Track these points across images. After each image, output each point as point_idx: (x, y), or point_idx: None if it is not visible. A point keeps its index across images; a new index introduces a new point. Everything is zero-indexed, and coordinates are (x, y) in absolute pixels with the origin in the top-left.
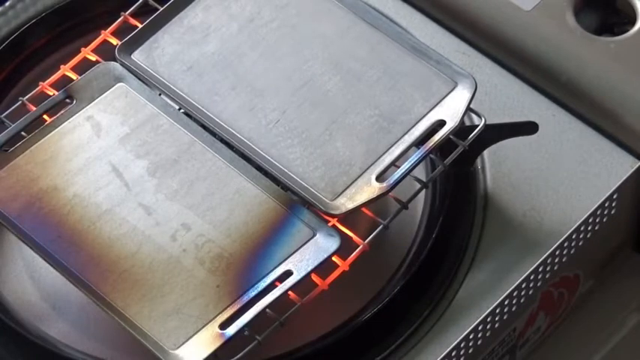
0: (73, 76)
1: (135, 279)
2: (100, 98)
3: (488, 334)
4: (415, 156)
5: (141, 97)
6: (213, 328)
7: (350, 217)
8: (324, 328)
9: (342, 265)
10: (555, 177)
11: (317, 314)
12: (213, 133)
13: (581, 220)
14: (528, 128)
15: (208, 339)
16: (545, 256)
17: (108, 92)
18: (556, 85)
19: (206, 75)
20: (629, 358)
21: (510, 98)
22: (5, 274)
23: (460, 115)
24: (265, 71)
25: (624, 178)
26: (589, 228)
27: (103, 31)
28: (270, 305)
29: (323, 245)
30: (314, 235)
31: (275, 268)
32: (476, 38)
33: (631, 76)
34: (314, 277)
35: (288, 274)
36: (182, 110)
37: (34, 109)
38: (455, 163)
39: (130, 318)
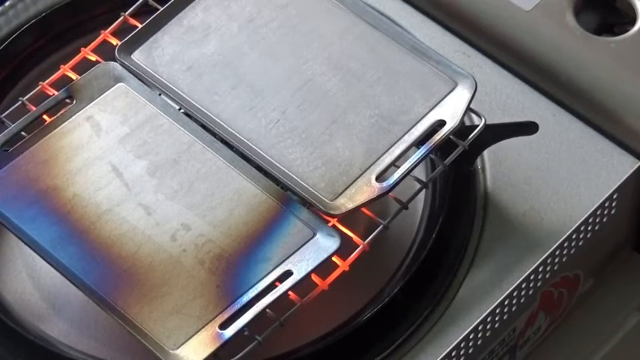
0: (73, 76)
1: (135, 279)
2: (100, 98)
3: (488, 334)
4: (415, 156)
5: (141, 97)
6: (213, 328)
7: (350, 217)
8: (324, 328)
9: (342, 265)
10: (555, 177)
11: (317, 314)
12: (213, 133)
13: (581, 220)
14: (528, 128)
15: (208, 339)
16: (545, 256)
17: (108, 92)
18: (556, 85)
19: (206, 75)
20: (629, 358)
21: (510, 98)
22: (5, 274)
23: (460, 115)
24: (265, 71)
25: (624, 178)
26: (589, 228)
27: (103, 31)
28: (270, 305)
29: (323, 245)
30: (314, 235)
31: (275, 268)
32: (476, 38)
33: (631, 76)
34: (314, 277)
35: (288, 274)
36: (182, 110)
37: (34, 109)
38: (455, 163)
39: (130, 318)
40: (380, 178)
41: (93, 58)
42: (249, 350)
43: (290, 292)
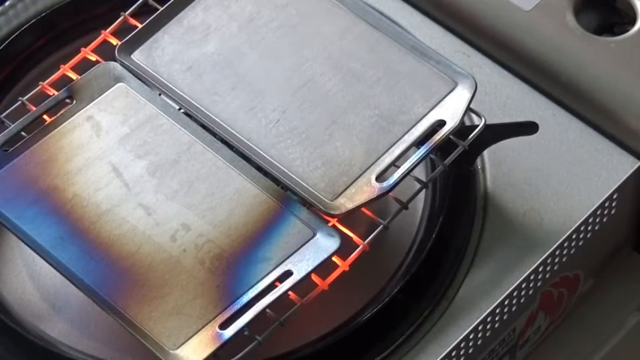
0: (73, 76)
1: (135, 279)
2: (100, 98)
3: (488, 334)
4: (415, 156)
5: (141, 97)
6: (213, 328)
7: (350, 217)
8: (324, 328)
9: (342, 265)
10: (555, 177)
11: (317, 314)
12: (213, 133)
13: (581, 220)
14: (528, 128)
15: (208, 339)
16: (545, 256)
17: (108, 92)
18: (556, 85)
19: (206, 75)
20: (629, 358)
21: (510, 98)
22: (5, 274)
23: (460, 115)
24: (265, 71)
25: (624, 178)
26: (589, 228)
27: (103, 31)
28: (270, 305)
29: (323, 245)
30: (314, 235)
31: (275, 268)
32: (476, 38)
33: (631, 76)
34: (314, 277)
35: (288, 274)
36: (182, 110)
37: (34, 109)
38: (455, 163)
39: (130, 318)
40: (380, 178)
41: (93, 58)
42: (249, 350)
43: (290, 292)
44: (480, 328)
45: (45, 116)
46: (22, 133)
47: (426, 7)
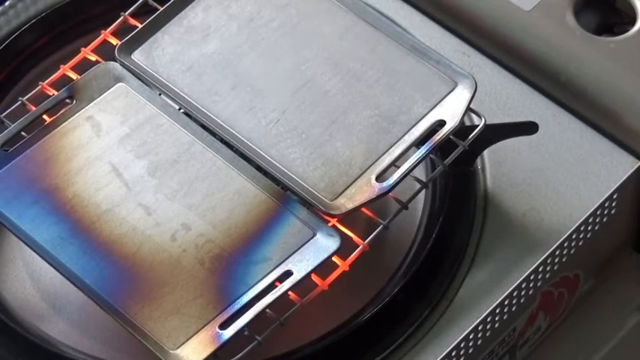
0: (73, 76)
1: (135, 279)
2: (99, 98)
3: (488, 334)
4: (415, 156)
5: (141, 97)
6: (213, 328)
7: (350, 217)
8: (324, 328)
9: (342, 265)
10: (555, 177)
11: (317, 314)
12: (213, 133)
13: (581, 220)
14: (528, 128)
15: (208, 339)
16: (545, 256)
17: (108, 92)
18: (556, 85)
19: (206, 75)
20: (629, 357)
21: (510, 98)
22: (5, 274)
23: (460, 115)
24: (265, 71)
25: (624, 178)
26: (589, 228)
27: (103, 31)
28: (270, 305)
29: (323, 245)
30: (314, 235)
31: (275, 268)
32: (476, 38)
33: (631, 76)
34: (314, 277)
35: (288, 274)
36: (182, 110)
37: (34, 109)
38: (455, 163)
39: (130, 318)
40: (380, 178)
41: (93, 58)
42: (249, 350)
43: (290, 292)
44: (480, 328)
45: (45, 116)
46: (22, 133)
47: (426, 7)
